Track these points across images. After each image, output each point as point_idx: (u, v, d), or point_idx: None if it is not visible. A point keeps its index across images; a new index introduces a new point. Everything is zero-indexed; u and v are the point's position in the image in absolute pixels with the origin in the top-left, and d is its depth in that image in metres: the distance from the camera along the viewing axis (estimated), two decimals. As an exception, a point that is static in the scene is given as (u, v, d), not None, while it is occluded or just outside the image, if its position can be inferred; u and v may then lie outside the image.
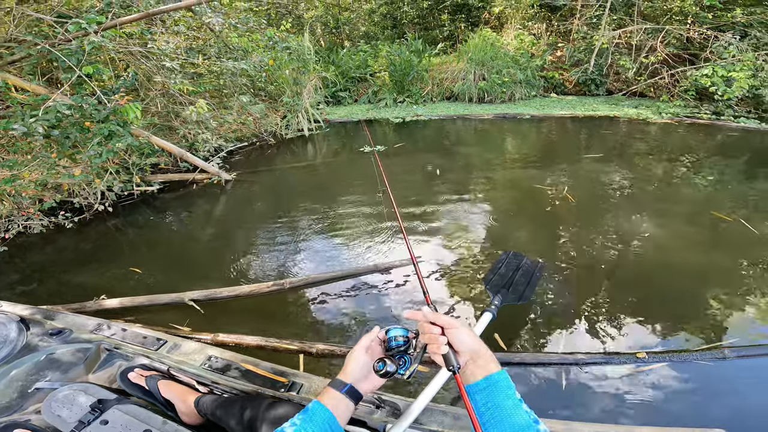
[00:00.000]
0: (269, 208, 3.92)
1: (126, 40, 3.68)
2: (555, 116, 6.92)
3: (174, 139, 4.41)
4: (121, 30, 3.41)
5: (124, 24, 3.42)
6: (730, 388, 1.83)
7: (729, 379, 1.87)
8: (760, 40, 6.67)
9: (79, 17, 3.03)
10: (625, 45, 7.72)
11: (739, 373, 1.90)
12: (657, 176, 4.28)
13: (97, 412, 1.04)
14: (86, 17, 2.95)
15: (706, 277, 2.61)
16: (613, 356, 1.98)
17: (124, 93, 3.30)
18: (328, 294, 2.59)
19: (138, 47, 3.66)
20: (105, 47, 3.15)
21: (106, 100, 3.13)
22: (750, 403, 1.75)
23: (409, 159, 5.14)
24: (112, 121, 3.17)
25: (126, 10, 3.53)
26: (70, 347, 1.41)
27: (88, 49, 2.93)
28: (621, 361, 1.95)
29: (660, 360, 1.95)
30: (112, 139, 3.17)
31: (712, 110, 6.58)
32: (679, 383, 1.83)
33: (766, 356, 1.96)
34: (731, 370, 1.90)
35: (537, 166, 4.66)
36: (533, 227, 3.34)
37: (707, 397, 1.79)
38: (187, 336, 2.21)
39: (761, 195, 3.72)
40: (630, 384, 1.84)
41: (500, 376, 0.76)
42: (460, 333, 0.82)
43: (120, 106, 3.14)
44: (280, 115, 6.18)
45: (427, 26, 10.65)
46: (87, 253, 3.22)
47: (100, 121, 3.15)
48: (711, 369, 1.90)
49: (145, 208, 3.89)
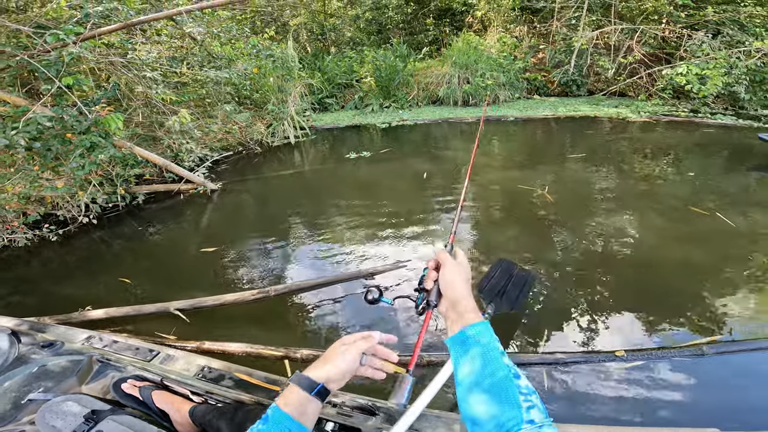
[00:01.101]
0: (255, 217, 3.93)
1: (106, 51, 3.67)
2: (538, 117, 7.04)
3: (158, 150, 4.39)
4: (101, 40, 3.40)
5: (103, 34, 3.42)
6: (709, 384, 1.83)
7: (708, 376, 1.87)
8: (733, 38, 6.87)
9: (58, 28, 3.02)
10: (604, 46, 7.89)
11: (717, 369, 1.91)
12: (635, 174, 4.38)
13: (91, 423, 1.04)
14: (64, 28, 2.94)
15: (686, 273, 2.65)
16: (592, 355, 2.00)
17: (105, 104, 3.29)
18: (314, 301, 2.61)
19: (119, 57, 3.65)
20: (84, 58, 3.15)
21: (87, 111, 3.12)
22: (729, 399, 1.77)
23: (396, 164, 5.19)
24: (93, 133, 3.16)
25: (105, 20, 3.52)
26: (62, 359, 1.41)
27: (67, 60, 2.92)
28: (600, 359, 1.97)
29: (639, 358, 1.97)
30: (95, 150, 3.16)
31: (690, 108, 6.75)
32: (658, 381, 1.84)
33: (743, 352, 1.98)
34: (710, 367, 1.91)
35: (520, 167, 4.74)
36: (516, 228, 3.39)
37: (685, 393, 1.79)
38: (174, 345, 2.22)
39: (738, 189, 3.83)
40: (610, 382, 1.86)
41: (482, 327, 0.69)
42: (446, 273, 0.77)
43: (101, 117, 3.13)
44: (266, 123, 6.18)
45: (412, 31, 10.77)
46: (72, 265, 3.20)
47: (82, 132, 3.14)
48: (690, 366, 1.91)
49: (131, 220, 3.87)
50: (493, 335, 0.68)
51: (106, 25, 3.44)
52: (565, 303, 2.44)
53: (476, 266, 2.80)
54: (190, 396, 1.33)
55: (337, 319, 2.44)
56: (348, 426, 1.14)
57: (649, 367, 1.91)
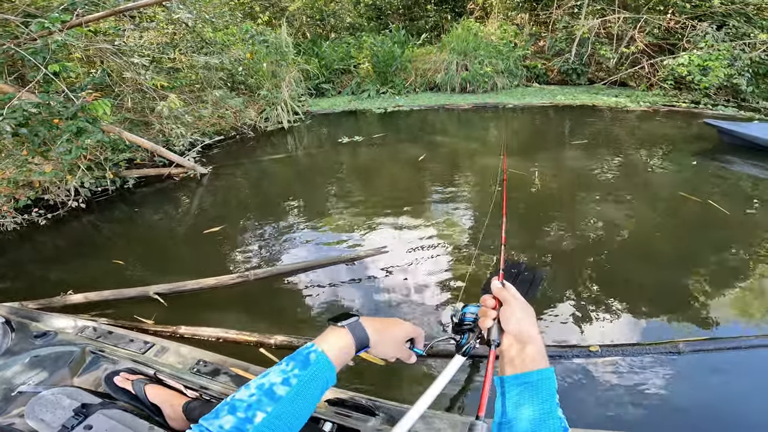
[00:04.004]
0: (244, 201, 3.99)
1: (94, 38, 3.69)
2: (536, 105, 6.98)
3: (150, 134, 4.45)
4: (88, 28, 3.42)
5: (91, 22, 3.43)
6: (683, 382, 1.78)
7: (683, 374, 1.82)
8: (738, 30, 6.72)
9: (45, 17, 3.05)
10: (606, 35, 7.74)
11: (693, 367, 1.86)
12: (629, 162, 4.37)
13: (81, 417, 1.00)
14: (49, 16, 2.97)
15: (672, 265, 2.61)
16: (566, 349, 1.95)
17: (92, 90, 3.32)
18: (294, 285, 2.63)
19: (107, 44, 3.67)
20: (71, 45, 3.17)
21: (74, 97, 3.16)
22: (703, 398, 1.74)
23: (389, 149, 5.22)
24: (81, 118, 3.21)
25: (95, 7, 3.53)
26: (55, 350, 1.38)
27: (53, 47, 2.96)
28: (574, 354, 1.93)
29: (613, 353, 1.92)
30: (82, 135, 3.21)
31: (691, 99, 6.65)
32: (631, 378, 1.80)
33: (720, 351, 1.93)
34: (686, 365, 1.87)
35: (511, 154, 4.74)
36: (506, 215, 3.36)
37: (658, 391, 1.75)
38: (149, 330, 2.25)
39: (734, 178, 3.83)
40: (583, 378, 1.82)
41: (548, 374, 0.65)
42: (508, 309, 0.73)
43: (88, 103, 3.18)
44: (260, 109, 6.20)
45: (412, 17, 10.60)
46: (61, 249, 3.28)
47: (69, 118, 3.19)
48: (665, 363, 1.87)
49: (121, 204, 3.95)
50: (555, 384, 0.65)
51: (94, 12, 3.45)
52: (545, 294, 2.39)
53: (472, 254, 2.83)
54: (183, 391, 1.30)
55: (316, 304, 2.46)
56: (347, 427, 1.09)
57: (623, 364, 1.87)
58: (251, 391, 0.58)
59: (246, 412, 0.55)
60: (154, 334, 2.18)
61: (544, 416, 0.60)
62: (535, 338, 0.69)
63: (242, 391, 0.59)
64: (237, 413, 0.55)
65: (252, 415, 0.55)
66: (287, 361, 0.63)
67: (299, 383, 0.60)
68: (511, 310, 0.73)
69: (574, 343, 2.01)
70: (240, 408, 0.56)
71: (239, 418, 0.54)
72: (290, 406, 0.59)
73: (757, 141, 4.33)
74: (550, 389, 0.63)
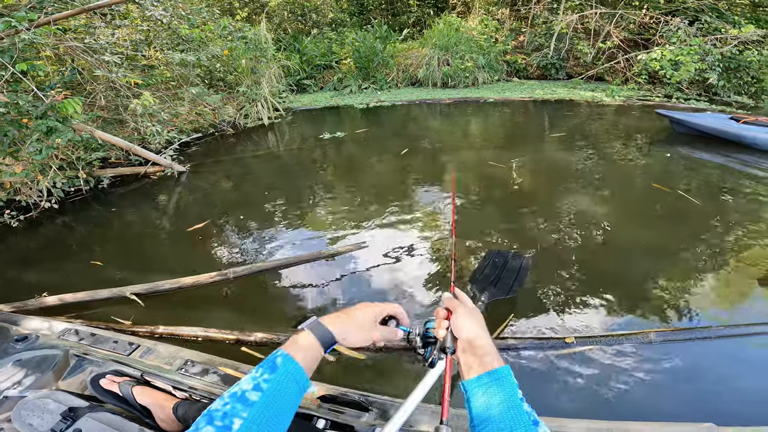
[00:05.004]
0: (224, 198, 3.98)
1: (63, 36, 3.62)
2: (516, 100, 7.08)
3: (125, 133, 4.39)
4: (56, 26, 3.35)
5: (59, 20, 3.37)
6: (654, 372, 1.83)
7: (654, 363, 1.87)
8: (710, 25, 6.90)
9: (11, 15, 2.98)
10: (583, 30, 7.87)
11: (664, 357, 1.90)
12: (603, 154, 4.48)
13: (69, 421, 1.00)
14: (15, 15, 2.91)
15: (644, 256, 2.67)
16: (543, 341, 1.99)
17: (61, 89, 3.27)
18: (274, 282, 2.63)
19: (77, 42, 3.61)
20: (39, 44, 3.11)
21: (43, 96, 3.11)
22: (673, 386, 1.77)
23: (370, 145, 5.25)
24: (50, 117, 3.16)
25: (64, 5, 3.46)
26: (37, 353, 1.36)
27: (20, 46, 2.90)
28: (550, 345, 1.96)
29: (588, 344, 1.96)
30: (52, 134, 3.16)
31: (664, 93, 6.82)
32: (605, 368, 1.85)
33: (690, 341, 1.98)
34: (657, 355, 1.91)
35: (489, 148, 4.83)
36: (485, 207, 3.45)
37: (631, 381, 1.79)
38: (126, 330, 2.25)
39: (699, 167, 3.98)
40: (559, 369, 1.85)
41: (506, 371, 0.69)
42: (458, 318, 0.78)
43: (58, 102, 3.12)
44: (239, 105, 6.15)
45: (395, 12, 10.60)
46: (35, 250, 3.23)
47: (38, 117, 3.14)
48: (638, 353, 1.91)
49: (96, 204, 3.91)
50: (514, 380, 0.68)
51: (63, 11, 3.38)
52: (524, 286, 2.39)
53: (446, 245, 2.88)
54: (172, 392, 1.29)
55: (297, 300, 2.47)
56: (340, 423, 1.09)
57: (598, 354, 1.92)
58: (225, 400, 0.61)
59: (223, 420, 0.58)
60: (132, 334, 2.19)
61: (510, 409, 0.63)
62: (487, 342, 0.74)
63: (217, 402, 0.62)
64: (215, 422, 0.57)
65: (230, 423, 0.57)
66: (257, 369, 0.67)
67: (270, 387, 0.63)
68: (461, 319, 0.77)
69: (550, 335, 2.06)
70: (216, 417, 0.58)
71: (218, 426, 0.57)
72: (267, 410, 0.61)
73: (707, 130, 4.53)
74: (510, 385, 0.66)
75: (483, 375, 0.68)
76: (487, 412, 0.64)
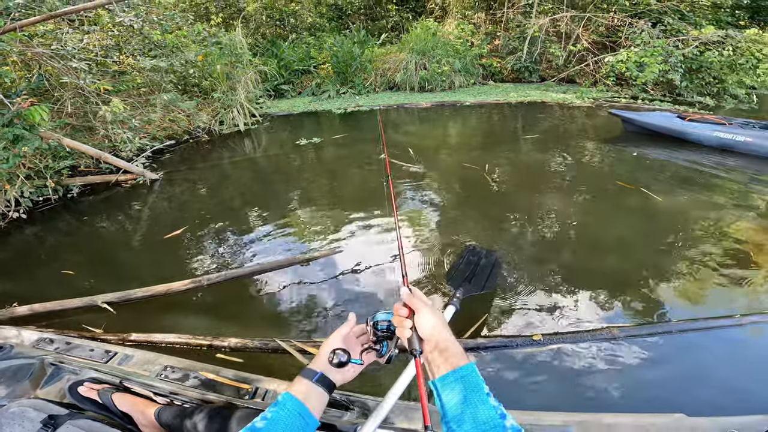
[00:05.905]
0: (198, 205, 3.95)
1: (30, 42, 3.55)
2: (491, 103, 7.23)
3: (95, 140, 4.31)
4: (22, 32, 3.29)
5: (26, 26, 3.30)
6: (617, 366, 1.89)
7: (618, 358, 1.93)
8: (673, 27, 7.19)
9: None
10: (555, 33, 8.10)
11: (627, 352, 1.96)
12: (573, 154, 4.63)
13: (49, 428, 1.00)
14: (-23, 21, 2.84)
15: (611, 252, 2.76)
16: (511, 339, 2.04)
17: (27, 96, 3.20)
18: (249, 288, 2.63)
19: (43, 48, 3.54)
20: (5, 50, 3.05)
21: (10, 103, 3.04)
22: (636, 381, 1.82)
23: (347, 150, 5.29)
24: (17, 125, 3.10)
25: (31, 11, 3.40)
26: (13, 362, 1.35)
27: (-18, 53, 2.84)
28: (518, 344, 2.01)
29: (554, 342, 2.01)
30: (19, 143, 3.09)
31: (630, 95, 7.06)
32: (571, 362, 1.90)
33: (652, 335, 2.05)
34: (621, 350, 1.97)
35: (465, 150, 4.92)
36: (464, 208, 3.52)
37: (595, 376, 1.84)
38: (98, 338, 2.23)
39: (661, 168, 4.15)
40: (529, 365, 1.90)
41: (471, 368, 0.72)
42: (422, 318, 0.79)
43: (24, 109, 3.06)
44: (215, 111, 6.10)
45: (374, 16, 10.69)
46: (4, 262, 3.15)
47: (5, 125, 3.07)
48: (602, 349, 1.97)
49: (66, 213, 3.83)
50: (479, 377, 0.71)
51: (30, 17, 3.32)
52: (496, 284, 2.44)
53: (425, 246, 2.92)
54: (153, 397, 1.29)
55: (272, 305, 2.47)
56: (323, 422, 1.11)
57: (565, 350, 1.97)
58: None
59: None
60: (103, 342, 2.16)
61: (478, 404, 0.66)
62: (451, 340, 0.77)
63: None
64: None
65: None
66: (268, 409, 0.80)
67: (272, 416, 0.77)
68: (426, 318, 0.79)
69: (517, 333, 2.11)
70: None
71: None
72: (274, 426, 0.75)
73: (654, 128, 4.78)
74: (477, 381, 0.70)
75: (450, 373, 0.71)
76: (456, 408, 0.67)
